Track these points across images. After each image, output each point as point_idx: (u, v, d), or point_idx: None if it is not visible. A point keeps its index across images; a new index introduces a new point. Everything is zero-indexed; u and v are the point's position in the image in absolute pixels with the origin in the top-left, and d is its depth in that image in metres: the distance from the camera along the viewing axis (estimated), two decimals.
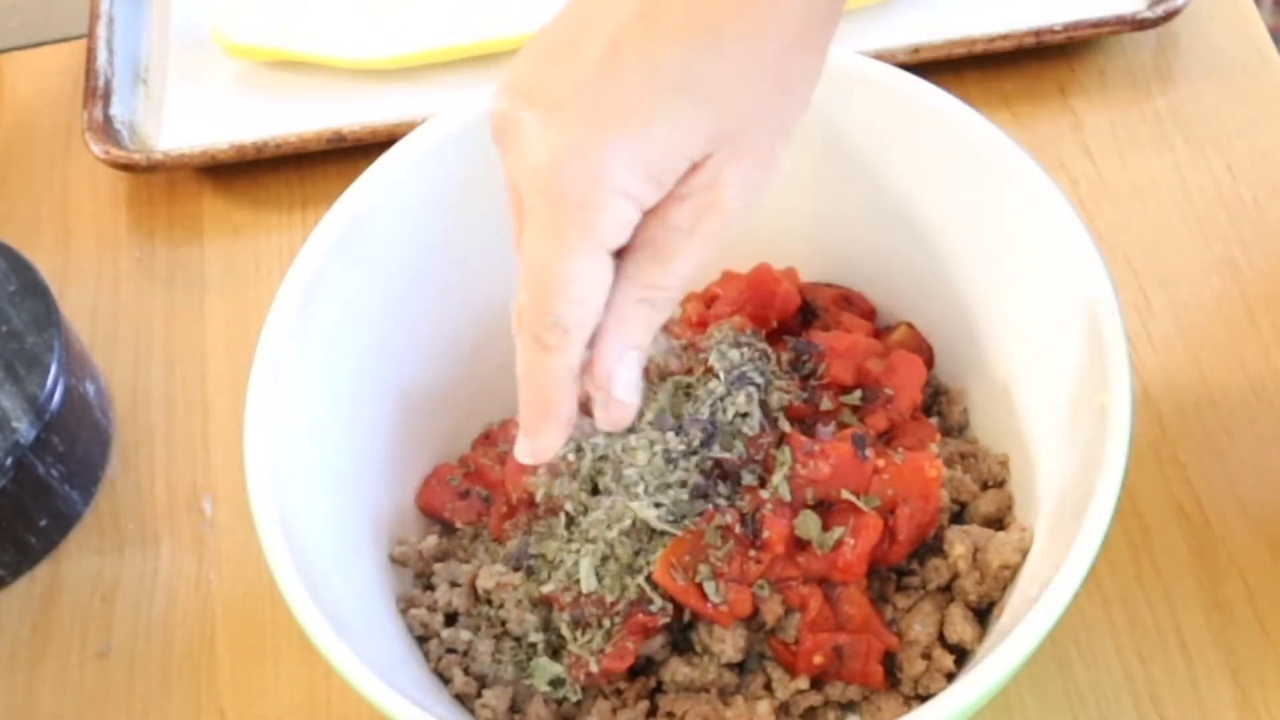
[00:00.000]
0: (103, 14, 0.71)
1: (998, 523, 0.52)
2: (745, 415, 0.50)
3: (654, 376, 0.52)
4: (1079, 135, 0.67)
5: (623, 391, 0.43)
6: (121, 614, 0.58)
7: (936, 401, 0.56)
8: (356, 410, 0.52)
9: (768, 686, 0.50)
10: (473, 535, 0.55)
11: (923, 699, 0.49)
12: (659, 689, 0.51)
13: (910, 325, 0.57)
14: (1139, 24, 0.66)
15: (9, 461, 0.56)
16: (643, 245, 0.42)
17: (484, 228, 0.56)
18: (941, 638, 0.50)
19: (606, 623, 0.48)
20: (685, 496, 0.49)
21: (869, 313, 0.57)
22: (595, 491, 0.51)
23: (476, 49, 0.70)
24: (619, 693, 0.50)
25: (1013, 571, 0.49)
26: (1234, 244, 0.63)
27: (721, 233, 0.42)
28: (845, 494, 0.49)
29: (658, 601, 0.48)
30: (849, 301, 0.57)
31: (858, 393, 0.52)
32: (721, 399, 0.50)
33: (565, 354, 0.42)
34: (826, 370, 0.52)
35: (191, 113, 0.71)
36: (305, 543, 0.46)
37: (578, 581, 0.49)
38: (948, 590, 0.51)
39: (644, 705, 0.50)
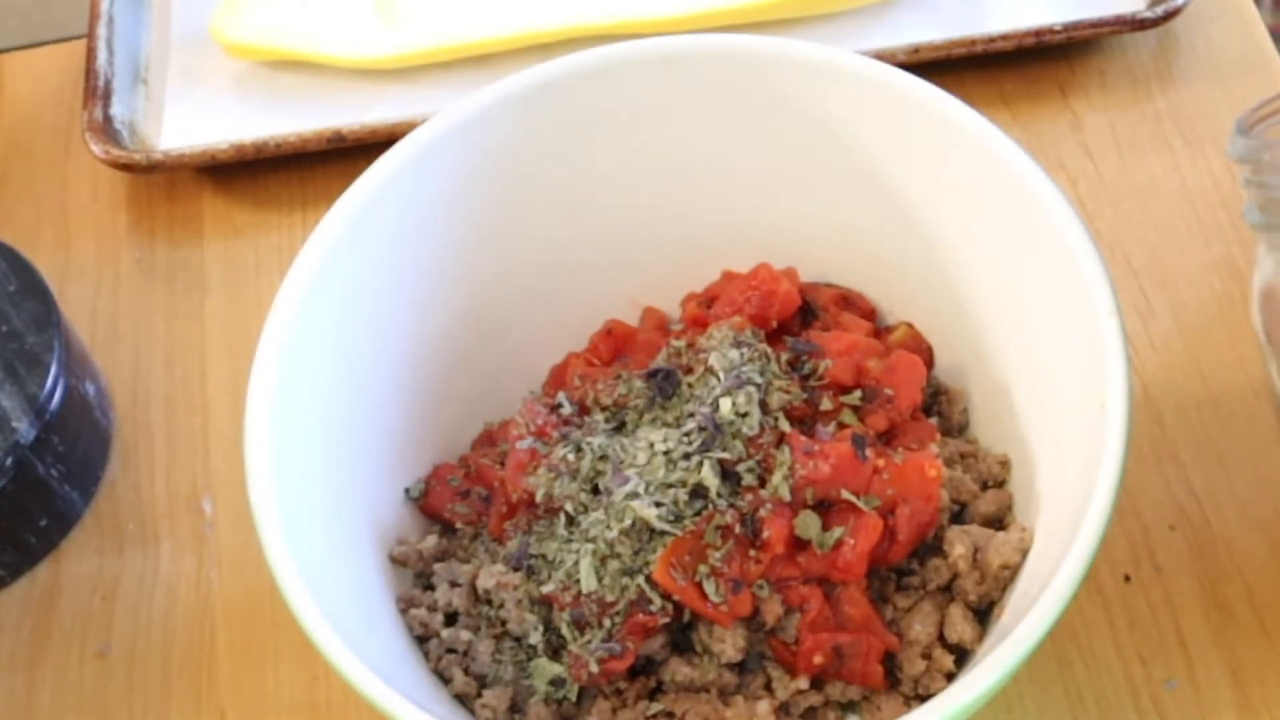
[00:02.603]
0: (103, 14, 0.71)
1: (998, 523, 0.52)
2: (745, 415, 0.50)
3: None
4: (1079, 135, 0.67)
5: None
6: (121, 614, 0.58)
7: (936, 401, 0.56)
8: (356, 410, 0.52)
9: (768, 686, 0.50)
10: (473, 535, 0.55)
11: (923, 699, 0.49)
12: (659, 689, 0.51)
13: (910, 325, 0.57)
14: (1139, 24, 0.66)
15: (9, 461, 0.56)
16: None
17: (484, 227, 0.56)
18: (941, 638, 0.50)
19: (606, 623, 0.48)
20: (685, 496, 0.49)
21: (869, 313, 0.58)
22: (595, 491, 0.51)
23: (476, 48, 0.70)
24: (619, 693, 0.50)
25: (1013, 571, 0.49)
26: (1234, 244, 0.63)
27: None
28: (845, 494, 0.49)
29: (658, 601, 0.48)
30: (849, 301, 0.57)
31: (858, 393, 0.52)
32: (721, 399, 0.50)
33: None
34: (826, 370, 0.52)
35: (191, 113, 0.71)
36: (305, 543, 0.46)
37: (578, 581, 0.49)
38: (948, 590, 0.51)
39: (644, 705, 0.50)
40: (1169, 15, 0.66)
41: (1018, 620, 0.42)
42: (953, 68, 0.67)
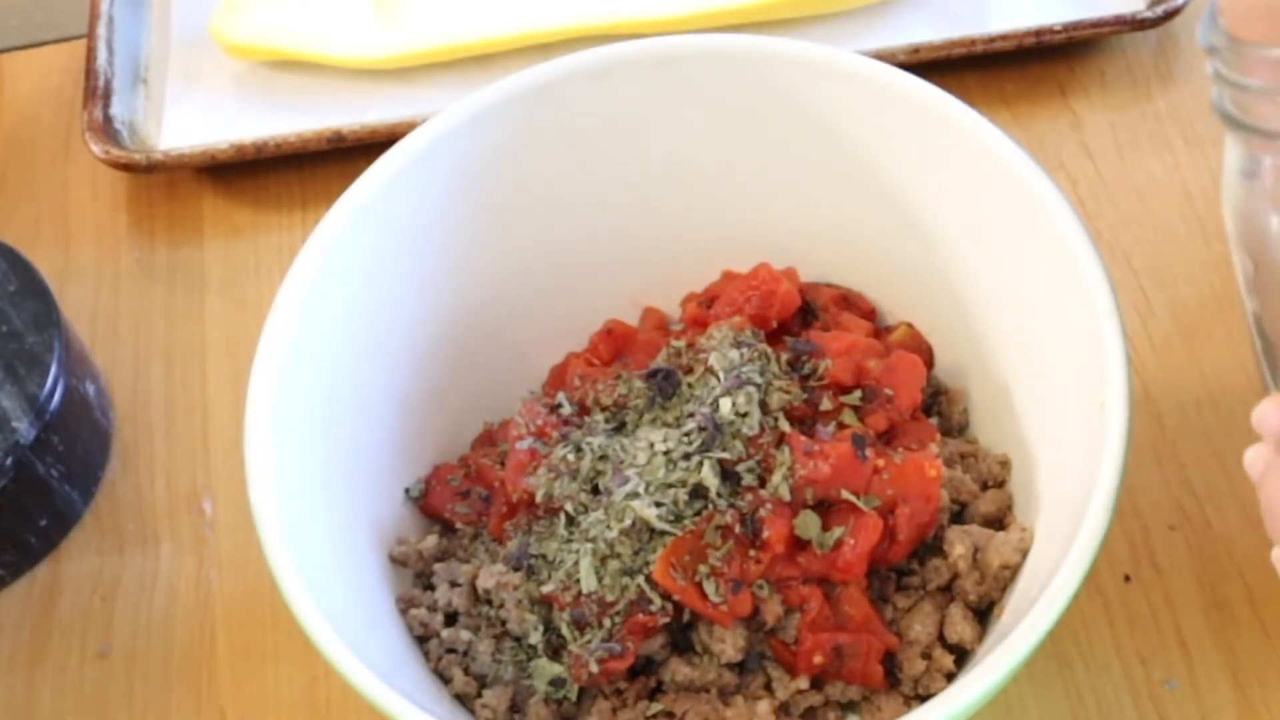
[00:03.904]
0: (103, 14, 0.71)
1: (998, 523, 0.52)
2: (745, 415, 0.50)
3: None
4: (1079, 135, 0.67)
5: None
6: (121, 614, 0.58)
7: (936, 401, 0.56)
8: (356, 410, 0.52)
9: (768, 686, 0.50)
10: (473, 535, 0.55)
11: (923, 699, 0.49)
12: (659, 689, 0.51)
13: (910, 325, 0.57)
14: (1139, 24, 0.66)
15: (9, 461, 0.56)
16: None
17: (484, 227, 0.56)
18: (941, 638, 0.50)
19: (606, 623, 0.48)
20: (685, 496, 0.49)
21: (869, 313, 0.58)
22: (595, 491, 0.51)
23: (476, 48, 0.70)
24: (619, 693, 0.50)
25: (1013, 571, 0.49)
26: None
27: None
28: (845, 494, 0.49)
29: (658, 601, 0.48)
30: (849, 301, 0.57)
31: (858, 393, 0.52)
32: (721, 399, 0.50)
33: None
34: (826, 370, 0.52)
35: (191, 113, 0.71)
36: (305, 543, 0.46)
37: (578, 581, 0.49)
38: (948, 590, 0.51)
39: (644, 705, 0.50)
40: (1169, 15, 0.66)
41: (1018, 620, 0.42)
42: (953, 68, 0.67)
